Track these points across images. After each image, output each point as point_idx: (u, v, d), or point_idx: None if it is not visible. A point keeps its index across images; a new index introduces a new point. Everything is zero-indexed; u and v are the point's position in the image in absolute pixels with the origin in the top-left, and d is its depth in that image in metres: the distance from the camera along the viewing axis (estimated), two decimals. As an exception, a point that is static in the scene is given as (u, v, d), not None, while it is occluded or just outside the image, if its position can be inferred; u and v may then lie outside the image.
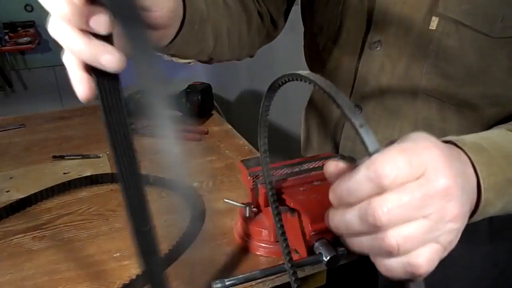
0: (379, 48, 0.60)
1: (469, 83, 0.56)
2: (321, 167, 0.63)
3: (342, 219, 0.33)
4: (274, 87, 0.41)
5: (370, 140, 0.30)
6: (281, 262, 0.66)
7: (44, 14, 0.30)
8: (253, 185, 0.65)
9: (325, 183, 0.61)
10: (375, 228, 0.30)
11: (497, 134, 0.47)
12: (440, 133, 0.59)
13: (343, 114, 0.31)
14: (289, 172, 0.62)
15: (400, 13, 0.57)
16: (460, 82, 0.56)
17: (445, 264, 0.34)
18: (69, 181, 0.90)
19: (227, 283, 0.58)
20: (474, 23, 0.53)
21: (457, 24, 0.54)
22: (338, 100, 0.32)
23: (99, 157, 1.04)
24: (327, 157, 0.65)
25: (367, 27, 0.62)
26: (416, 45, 0.58)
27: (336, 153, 0.71)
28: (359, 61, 0.63)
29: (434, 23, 0.55)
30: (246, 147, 1.09)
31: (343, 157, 0.67)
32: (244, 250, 0.70)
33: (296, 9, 2.22)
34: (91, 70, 0.33)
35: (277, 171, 0.61)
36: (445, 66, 0.56)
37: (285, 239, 0.48)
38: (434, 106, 0.59)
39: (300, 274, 0.67)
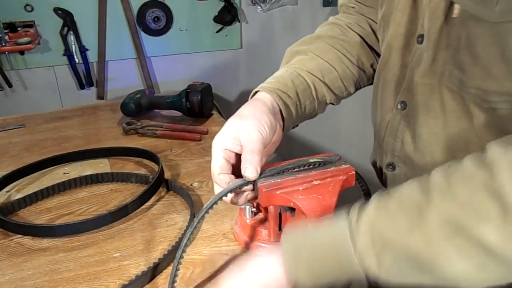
0: (422, 42, 0.59)
1: (478, 76, 0.53)
2: (321, 167, 0.63)
3: None
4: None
5: None
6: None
7: (44, 14, 0.30)
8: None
9: (325, 182, 0.61)
10: None
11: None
12: (469, 128, 0.56)
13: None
14: (289, 171, 0.61)
15: (438, 3, 0.56)
16: (470, 74, 0.54)
17: None
18: (69, 180, 0.91)
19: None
20: (473, 8, 0.50)
21: (463, 11, 0.52)
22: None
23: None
24: (328, 157, 0.65)
25: (416, 20, 0.61)
26: (444, 36, 0.56)
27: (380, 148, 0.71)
28: (409, 55, 0.63)
29: (456, 10, 0.53)
30: (246, 147, 1.09)
31: (340, 159, 0.67)
32: (244, 250, 0.70)
33: (296, 9, 2.22)
34: None
35: (278, 170, 0.61)
36: (459, 57, 0.54)
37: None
38: (458, 101, 0.57)
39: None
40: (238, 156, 0.59)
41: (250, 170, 0.57)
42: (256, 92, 0.70)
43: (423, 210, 0.43)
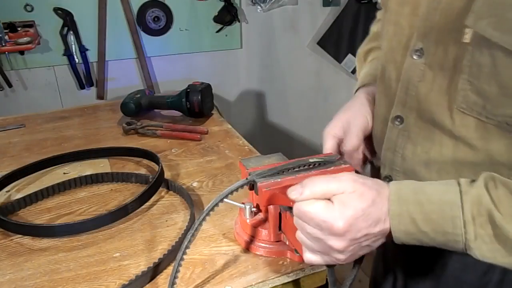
0: (421, 57, 0.58)
1: (507, 104, 0.51)
2: (321, 166, 0.63)
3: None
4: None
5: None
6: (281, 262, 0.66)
7: (44, 14, 0.30)
8: (253, 185, 0.64)
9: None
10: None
11: (437, 187, 0.52)
12: (484, 154, 0.55)
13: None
14: (289, 171, 0.61)
15: (439, 21, 0.54)
16: (496, 103, 0.52)
17: None
18: (69, 180, 0.91)
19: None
20: (502, 39, 0.48)
21: (488, 40, 0.49)
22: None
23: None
24: (328, 157, 0.65)
25: (410, 35, 0.60)
26: (453, 58, 0.54)
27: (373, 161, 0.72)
28: (401, 68, 0.61)
29: (467, 35, 0.51)
30: (246, 147, 1.09)
31: (340, 158, 0.67)
32: (244, 250, 0.70)
33: (296, 9, 2.22)
34: None
35: (277, 170, 0.61)
36: (479, 84, 0.52)
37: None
38: (472, 125, 0.55)
39: (300, 274, 0.67)
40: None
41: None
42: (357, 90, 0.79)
43: None
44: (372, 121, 0.72)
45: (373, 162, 0.78)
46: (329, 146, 0.71)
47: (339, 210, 0.51)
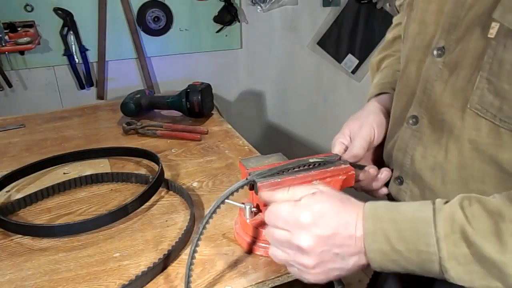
0: (441, 55, 0.56)
1: None
2: (321, 166, 0.63)
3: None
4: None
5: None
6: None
7: (44, 14, 0.30)
8: (253, 185, 0.64)
9: (324, 182, 0.61)
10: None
11: (416, 207, 0.50)
12: (492, 162, 0.53)
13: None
14: (288, 171, 0.61)
15: (465, 16, 0.53)
16: None
17: None
18: (69, 180, 0.91)
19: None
20: None
21: (504, 32, 0.47)
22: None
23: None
24: (328, 157, 0.65)
25: (433, 33, 0.58)
26: (473, 55, 0.52)
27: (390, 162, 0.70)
28: (423, 67, 0.60)
29: (493, 30, 0.49)
30: (246, 147, 1.09)
31: (340, 159, 0.67)
32: (244, 250, 0.70)
33: (296, 9, 2.22)
34: None
35: (277, 170, 0.61)
36: (498, 82, 0.49)
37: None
38: (485, 128, 0.52)
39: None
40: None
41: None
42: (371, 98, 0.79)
43: (505, 219, 0.45)
44: (379, 131, 0.72)
45: None
46: (337, 152, 0.70)
47: (306, 203, 0.52)
